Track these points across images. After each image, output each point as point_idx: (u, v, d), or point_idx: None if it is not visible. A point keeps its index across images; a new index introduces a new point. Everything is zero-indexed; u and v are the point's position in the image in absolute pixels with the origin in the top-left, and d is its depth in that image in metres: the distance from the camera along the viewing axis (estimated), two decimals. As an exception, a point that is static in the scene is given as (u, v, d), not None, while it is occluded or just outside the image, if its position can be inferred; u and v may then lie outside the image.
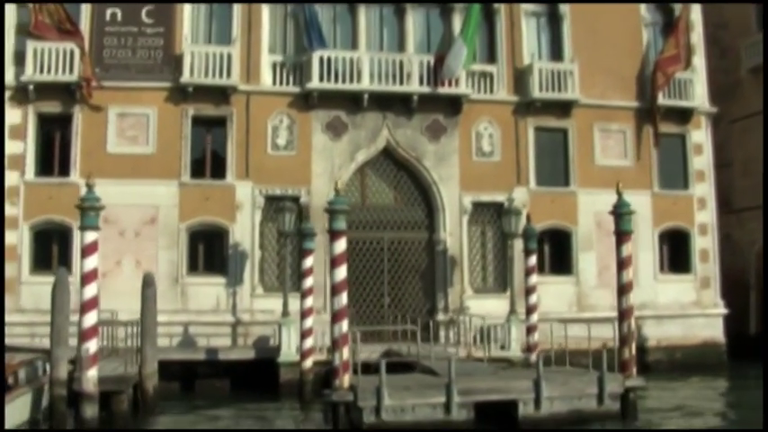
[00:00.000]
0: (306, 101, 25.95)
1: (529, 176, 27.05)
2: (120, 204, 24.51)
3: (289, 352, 22.45)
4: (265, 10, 26.31)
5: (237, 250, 25.21)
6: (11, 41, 24.82)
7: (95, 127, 24.95)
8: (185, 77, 25.08)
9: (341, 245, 16.88)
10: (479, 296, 26.18)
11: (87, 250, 16.60)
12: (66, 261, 24.19)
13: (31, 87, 24.42)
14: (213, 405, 20.81)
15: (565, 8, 28.12)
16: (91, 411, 15.90)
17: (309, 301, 21.92)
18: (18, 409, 16.13)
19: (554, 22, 28.28)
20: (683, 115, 28.56)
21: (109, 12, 25.31)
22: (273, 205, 25.04)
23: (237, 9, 26.11)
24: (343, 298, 16.47)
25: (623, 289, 17.90)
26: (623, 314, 17.78)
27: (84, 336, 16.07)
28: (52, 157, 25.18)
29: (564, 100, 27.14)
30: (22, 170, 24.59)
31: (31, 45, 24.43)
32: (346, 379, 16.27)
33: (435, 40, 27.52)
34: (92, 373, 15.98)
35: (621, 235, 18.24)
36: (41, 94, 24.65)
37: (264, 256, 25.71)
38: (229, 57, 25.36)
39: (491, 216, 26.91)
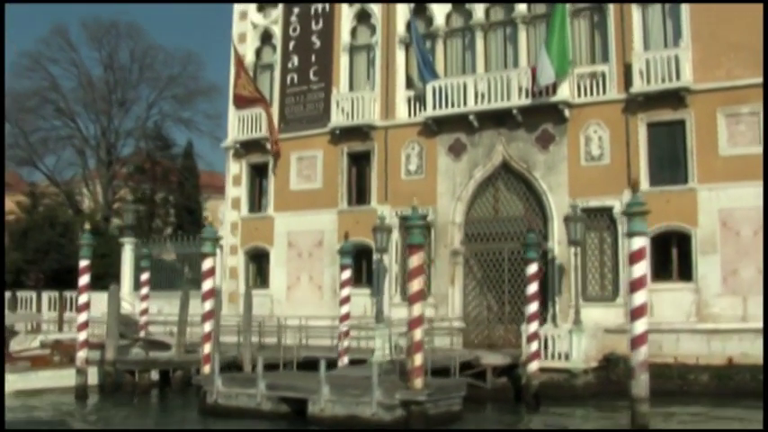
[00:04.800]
0: (430, 128, 28.63)
1: (640, 177, 25.15)
2: (299, 231, 30.97)
3: (379, 354, 25.80)
4: (400, 53, 29.82)
5: (380, 265, 29.09)
6: (232, 111, 32.92)
7: (284, 169, 31.54)
8: (337, 121, 30.13)
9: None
10: (589, 305, 25.41)
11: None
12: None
13: (238, 145, 32.21)
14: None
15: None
16: (79, 380, 22.96)
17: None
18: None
19: (670, 7, 25.74)
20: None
21: (289, 77, 31.73)
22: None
23: (378, 56, 30.14)
24: (208, 304, 20.46)
25: (413, 298, 17.67)
26: (411, 324, 17.63)
27: (79, 328, 23.32)
28: (256, 198, 32.56)
29: (672, 89, 24.59)
30: (239, 209, 32.44)
31: (235, 113, 32.30)
32: (207, 368, 20.44)
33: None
34: (80, 355, 23.18)
35: (411, 247, 17.87)
36: (248, 150, 32.27)
37: (402, 269, 29.06)
38: (363, 99, 29.68)
39: (603, 221, 25.86)
